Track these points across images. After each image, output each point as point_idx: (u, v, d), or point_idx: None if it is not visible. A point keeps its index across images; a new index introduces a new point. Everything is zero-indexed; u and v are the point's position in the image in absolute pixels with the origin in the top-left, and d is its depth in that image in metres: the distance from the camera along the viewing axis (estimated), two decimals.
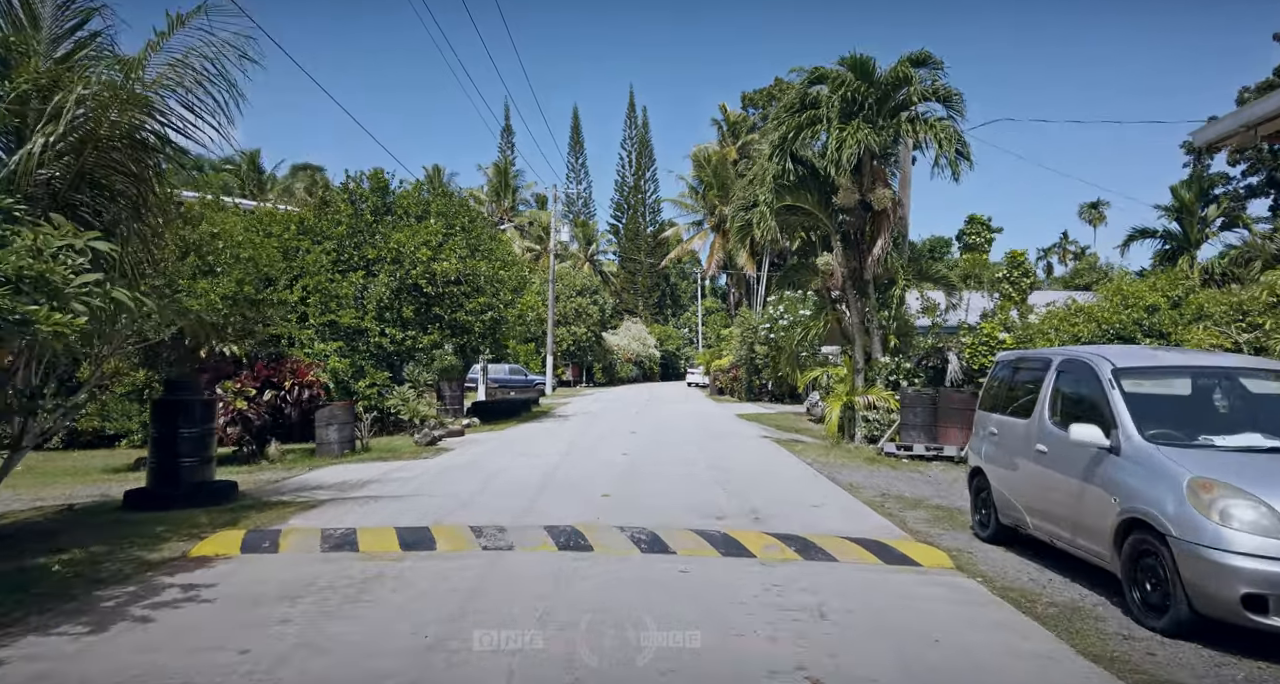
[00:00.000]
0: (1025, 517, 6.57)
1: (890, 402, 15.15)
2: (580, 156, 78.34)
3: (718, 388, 44.57)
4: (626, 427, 20.51)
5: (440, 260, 19.70)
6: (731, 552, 6.63)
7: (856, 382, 15.90)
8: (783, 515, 8.48)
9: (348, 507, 8.65)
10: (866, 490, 10.57)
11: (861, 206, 15.69)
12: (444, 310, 20.20)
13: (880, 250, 15.17)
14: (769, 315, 33.44)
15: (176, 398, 8.70)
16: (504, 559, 6.31)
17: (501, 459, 13.39)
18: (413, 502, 8.99)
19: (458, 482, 10.64)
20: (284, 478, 11.32)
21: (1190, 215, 29.26)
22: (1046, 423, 6.38)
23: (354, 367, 18.29)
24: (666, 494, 9.80)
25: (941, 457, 13.62)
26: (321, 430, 13.77)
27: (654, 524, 7.76)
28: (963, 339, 14.74)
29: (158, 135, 7.62)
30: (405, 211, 21.19)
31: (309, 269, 18.31)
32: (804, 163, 15.69)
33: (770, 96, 57.42)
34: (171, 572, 5.74)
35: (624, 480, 10.92)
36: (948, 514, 8.86)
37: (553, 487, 10.22)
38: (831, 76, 14.81)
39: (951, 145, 13.96)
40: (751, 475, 11.72)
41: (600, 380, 58.09)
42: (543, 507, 8.74)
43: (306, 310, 18.17)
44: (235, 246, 12.96)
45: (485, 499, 9.21)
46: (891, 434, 14.64)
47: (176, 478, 8.51)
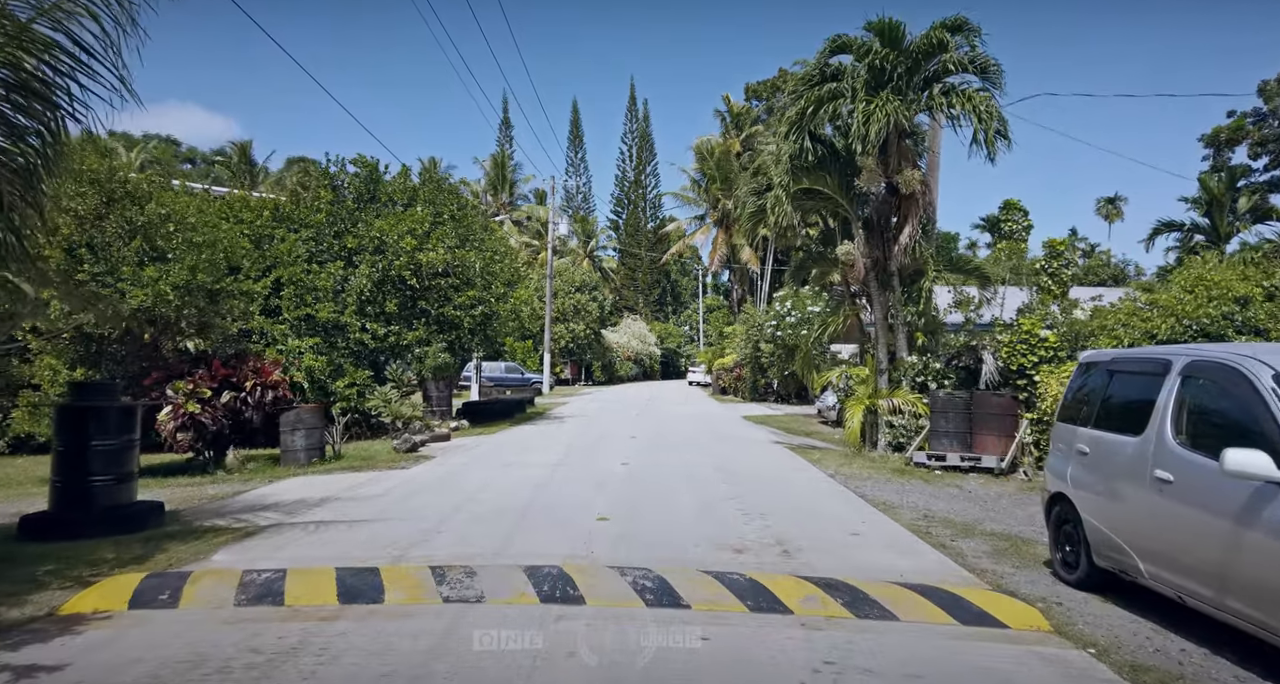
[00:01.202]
0: (1137, 561, 5.14)
1: (918, 405, 13.72)
2: (580, 151, 76.89)
3: (720, 387, 43.14)
4: (626, 430, 19.07)
5: (426, 250, 18.25)
6: (762, 605, 5.19)
7: (879, 383, 14.46)
8: (816, 547, 7.05)
9: (292, 535, 7.21)
10: (905, 511, 9.14)
11: (887, 190, 14.24)
12: (431, 304, 18.76)
13: (908, 238, 13.72)
14: (775, 312, 31.98)
15: (87, 404, 7.22)
16: (468, 617, 4.87)
17: (486, 470, 11.95)
18: (372, 528, 7.55)
19: (431, 501, 9.20)
20: (235, 493, 9.88)
21: (1219, 207, 27.80)
22: (1170, 443, 4.94)
23: (332, 365, 16.86)
24: (673, 516, 8.37)
25: (980, 468, 12.18)
26: (287, 436, 12.33)
27: (660, 560, 6.33)
28: (999, 337, 13.29)
29: (45, 82, 6.11)
30: (391, 199, 19.75)
31: (282, 259, 16.87)
32: (823, 142, 14.24)
33: (775, 88, 55.87)
34: (15, 644, 4.29)
35: (624, 498, 9.48)
36: (1011, 544, 7.42)
37: (541, 507, 8.77)
38: (856, 45, 13.35)
39: (991, 121, 12.50)
40: (770, 491, 10.28)
41: (599, 379, 56.63)
42: (527, 535, 7.30)
43: (280, 304, 16.75)
44: (188, 230, 11.49)
45: (459, 524, 7.76)
46: (921, 442, 13.21)
47: (86, 500, 7.06)
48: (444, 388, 20.30)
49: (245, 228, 17.04)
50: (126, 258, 11.21)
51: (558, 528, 7.63)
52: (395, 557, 6.33)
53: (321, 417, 12.78)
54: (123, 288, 11.02)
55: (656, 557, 6.50)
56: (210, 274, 11.66)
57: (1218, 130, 41.11)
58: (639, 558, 6.43)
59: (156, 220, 11.35)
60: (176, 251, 11.60)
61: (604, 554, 6.58)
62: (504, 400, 24.89)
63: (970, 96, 12.49)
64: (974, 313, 13.94)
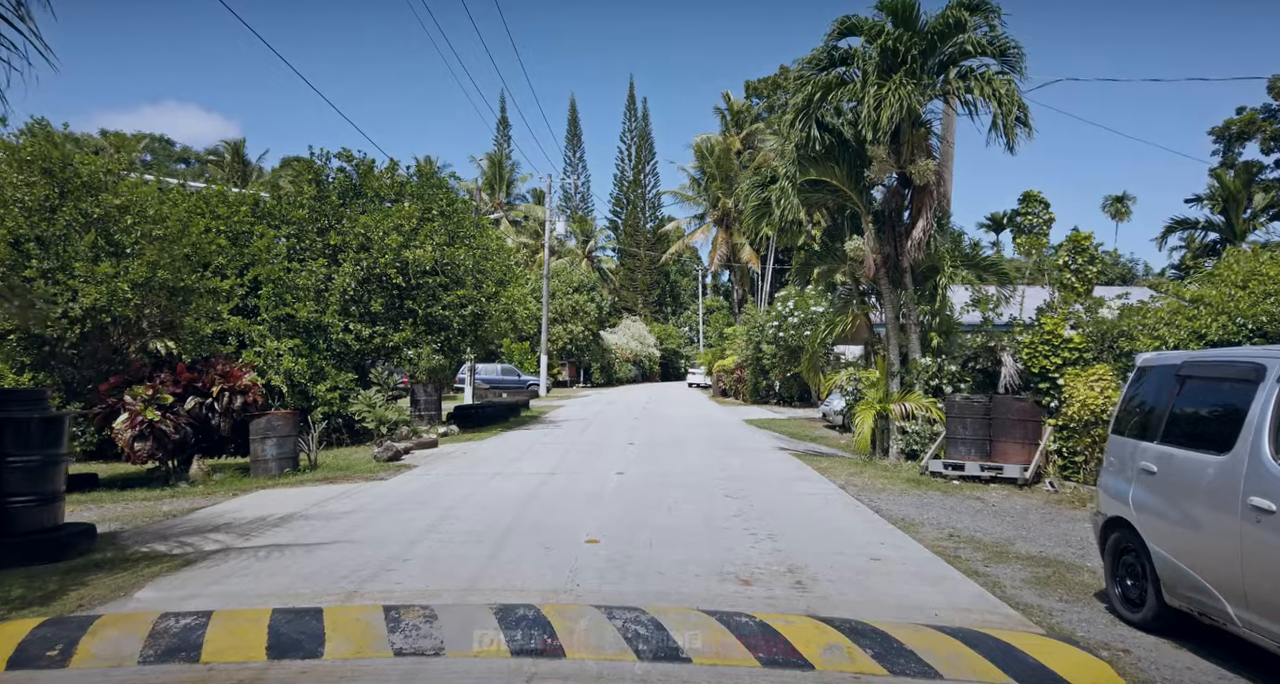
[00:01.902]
0: (1225, 605, 4.28)
1: (932, 410, 12.87)
2: (578, 150, 76.09)
3: (721, 389, 42.30)
4: (623, 436, 18.21)
5: (413, 247, 17.40)
6: (776, 658, 4.33)
7: (891, 387, 13.60)
8: (833, 576, 6.19)
9: (238, 562, 6.35)
10: (926, 528, 8.29)
11: (899, 181, 13.41)
12: (418, 304, 17.91)
13: (921, 233, 12.87)
14: (778, 313, 31.16)
15: (3, 415, 6.34)
16: (423, 676, 4.02)
17: (470, 482, 11.09)
18: (331, 553, 6.69)
19: (404, 518, 8.34)
20: (191, 509, 9.02)
21: (1236, 204, 26.94)
22: (1270, 465, 4.09)
23: (313, 367, 15.99)
24: (672, 537, 7.51)
25: (1001, 479, 11.32)
26: (257, 445, 11.48)
27: (656, 595, 5.49)
28: (1019, 337, 12.44)
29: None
30: (377, 194, 18.90)
31: (261, 256, 16.02)
32: (831, 131, 13.39)
33: (776, 85, 55.12)
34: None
35: (617, 515, 8.63)
36: (1053, 571, 6.56)
37: (525, 527, 7.91)
38: (866, 26, 12.50)
39: (1012, 106, 11.66)
40: (778, 506, 9.42)
41: (598, 380, 55.75)
42: (505, 563, 6.44)
43: (258, 303, 15.91)
44: (148, 222, 10.63)
45: (430, 548, 6.90)
46: (936, 449, 12.35)
47: (2, 524, 6.20)
48: (432, 391, 19.44)
49: (221, 223, 16.20)
50: (80, 253, 10.36)
51: (541, 553, 6.77)
52: (348, 593, 5.47)
53: (294, 423, 11.92)
54: (75, 286, 10.17)
55: (652, 591, 5.65)
56: (173, 270, 10.81)
57: (1229, 123, 40.30)
58: (631, 592, 5.58)
59: (114, 212, 10.49)
60: (135, 246, 10.76)
61: (591, 587, 5.72)
62: (497, 404, 24.03)
63: (990, 80, 11.64)
64: (993, 312, 13.07)
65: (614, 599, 5.34)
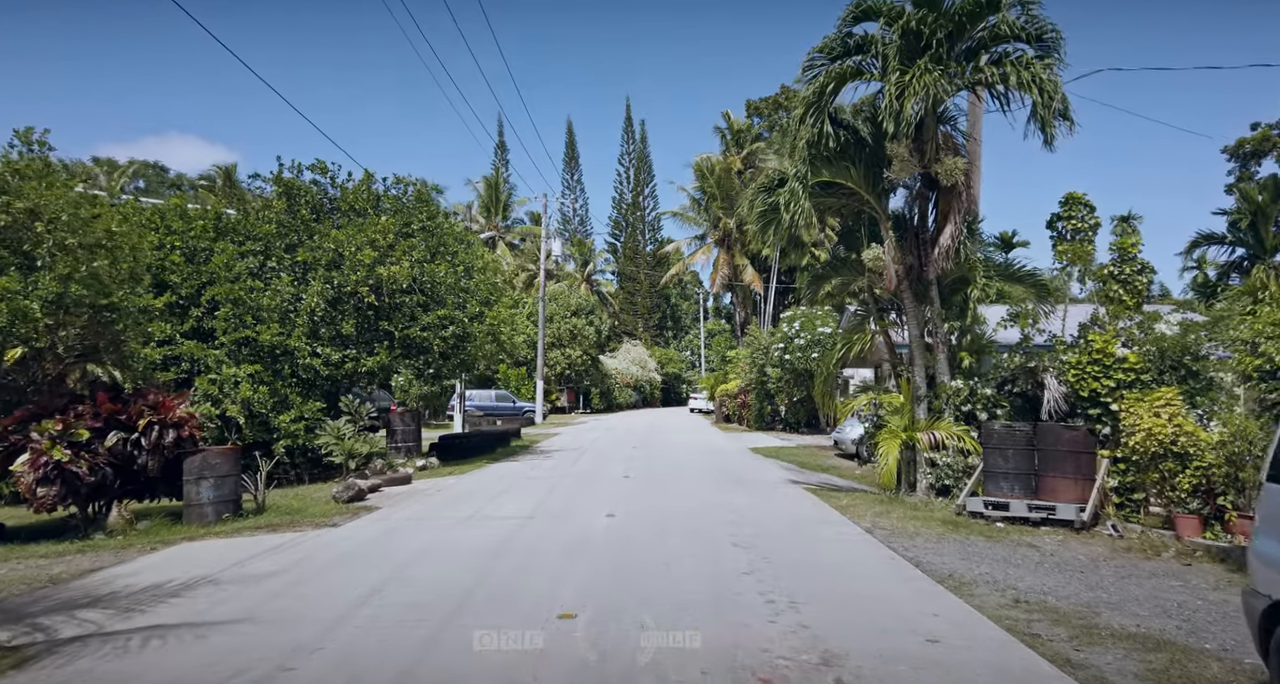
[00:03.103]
0: None
1: (966, 440, 11.34)
2: (576, 172, 75.27)
3: (724, 415, 40.72)
4: (619, 468, 16.62)
5: (389, 264, 15.98)
6: None
7: (917, 413, 12.08)
8: (884, 674, 4.63)
9: (94, 660, 4.78)
10: (983, 590, 6.73)
11: (923, 182, 12.01)
12: (394, 326, 16.44)
13: (950, 239, 11.43)
14: (783, 334, 29.72)
15: None
16: None
17: (433, 529, 9.50)
18: (224, 639, 5.13)
19: (339, 582, 6.77)
20: (89, 570, 7.46)
21: (1265, 219, 25.58)
22: None
23: (275, 396, 14.51)
24: (669, 609, 5.94)
25: (1054, 521, 9.74)
26: (190, 487, 9.93)
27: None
28: (1063, 357, 10.94)
29: None
30: (352, 208, 17.54)
31: (220, 274, 14.61)
32: (845, 127, 12.03)
33: (777, 104, 54.30)
34: None
35: (603, 574, 7.07)
36: (1170, 659, 4.99)
37: (484, 595, 6.34)
38: (885, 8, 11.17)
39: (1053, 97, 10.27)
40: (797, 559, 7.85)
41: (598, 406, 54.12)
42: (447, 657, 4.88)
43: (215, 325, 14.45)
44: (62, 231, 9.19)
45: (352, 634, 5.33)
46: (974, 485, 10.79)
47: None
48: (410, 420, 17.88)
49: (177, 239, 14.84)
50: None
51: (498, 636, 5.20)
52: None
53: (235, 460, 10.37)
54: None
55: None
56: (91, 285, 9.36)
57: (1241, 142, 39.19)
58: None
59: (21, 218, 9.06)
60: (49, 258, 9.32)
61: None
62: (485, 433, 22.45)
63: (1029, 64, 10.26)
64: (1033, 329, 11.57)
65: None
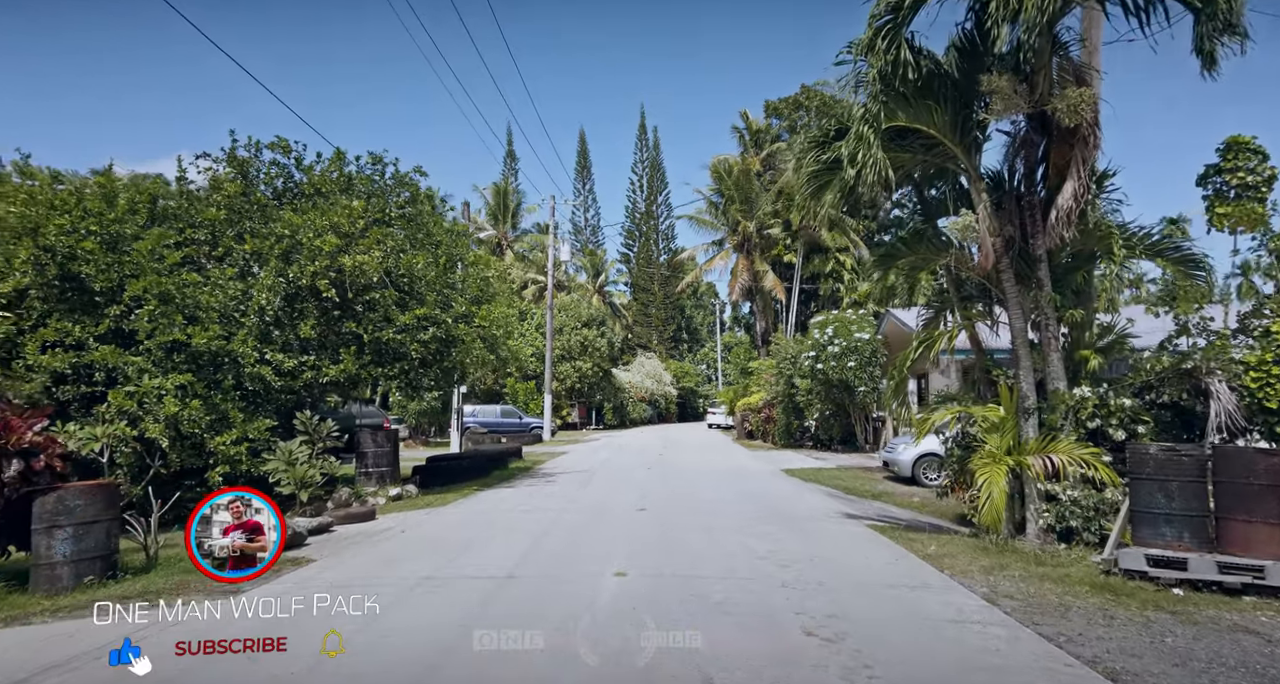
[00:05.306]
0: None
1: (1098, 467, 8.41)
2: (587, 181, 72.96)
3: (746, 431, 37.69)
4: (632, 497, 13.76)
5: (355, 252, 13.31)
6: None
7: (1025, 430, 9.18)
8: None
9: None
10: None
11: (1029, 126, 9.19)
12: (363, 327, 13.72)
13: (1072, 199, 8.57)
14: (815, 341, 26.80)
15: None
16: None
17: (376, 596, 6.63)
18: None
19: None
20: None
21: None
22: None
23: (213, 412, 11.81)
24: None
25: (1262, 587, 6.79)
26: (40, 538, 7.17)
27: None
28: (1235, 356, 8.04)
29: None
30: (318, 191, 14.91)
31: (144, 265, 11.96)
32: (927, 56, 9.25)
33: (797, 104, 51.66)
34: None
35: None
36: None
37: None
38: None
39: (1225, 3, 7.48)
40: (908, 657, 4.97)
41: (610, 422, 51.21)
42: None
43: (135, 326, 11.79)
44: None
45: None
46: (1121, 532, 7.86)
47: None
48: (382, 441, 15.07)
49: (93, 223, 12.20)
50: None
51: None
52: None
53: (110, 502, 7.60)
54: None
55: None
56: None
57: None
58: None
59: None
60: None
61: None
62: (480, 453, 19.65)
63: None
64: (1198, 316, 8.66)
65: None
